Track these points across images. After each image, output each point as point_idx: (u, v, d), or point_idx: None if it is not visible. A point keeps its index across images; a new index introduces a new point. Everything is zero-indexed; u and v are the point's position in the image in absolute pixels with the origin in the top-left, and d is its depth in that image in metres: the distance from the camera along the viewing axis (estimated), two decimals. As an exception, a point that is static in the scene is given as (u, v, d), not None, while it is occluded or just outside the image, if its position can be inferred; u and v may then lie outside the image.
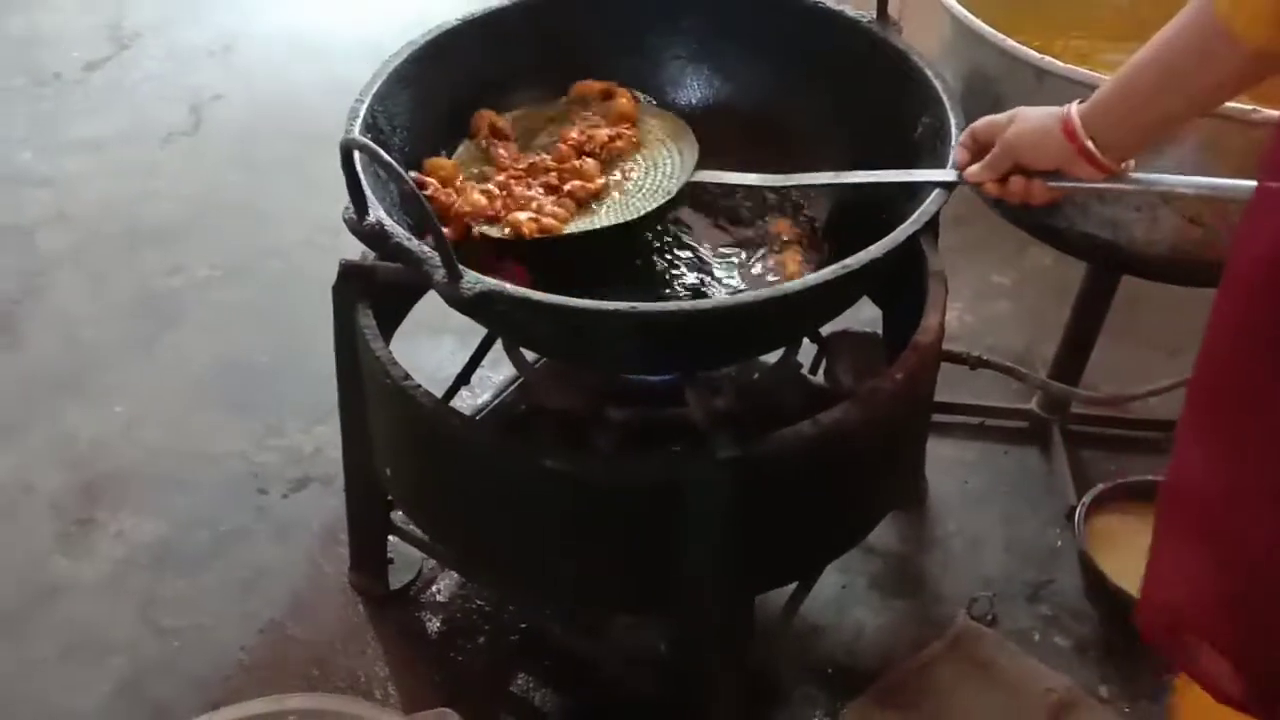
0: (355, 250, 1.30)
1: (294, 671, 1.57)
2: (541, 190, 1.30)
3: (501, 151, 1.37)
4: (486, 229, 1.25)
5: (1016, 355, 2.00)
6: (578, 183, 1.31)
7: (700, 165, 1.35)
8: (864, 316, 1.47)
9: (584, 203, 1.30)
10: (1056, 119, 1.04)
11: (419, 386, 1.20)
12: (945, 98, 1.24)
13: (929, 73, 1.27)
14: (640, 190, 1.33)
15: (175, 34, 3.08)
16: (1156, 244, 1.27)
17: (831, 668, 1.58)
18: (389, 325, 1.38)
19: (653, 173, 1.36)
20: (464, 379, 1.62)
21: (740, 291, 1.27)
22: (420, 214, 1.00)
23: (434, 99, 1.37)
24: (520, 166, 1.33)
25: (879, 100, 1.33)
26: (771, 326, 1.14)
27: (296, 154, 2.60)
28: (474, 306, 1.03)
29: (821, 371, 1.54)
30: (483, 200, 1.27)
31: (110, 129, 2.69)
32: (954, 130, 1.19)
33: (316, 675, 1.56)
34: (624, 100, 1.43)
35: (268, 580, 1.70)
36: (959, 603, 1.66)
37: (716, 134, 1.43)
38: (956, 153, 1.15)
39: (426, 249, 1.06)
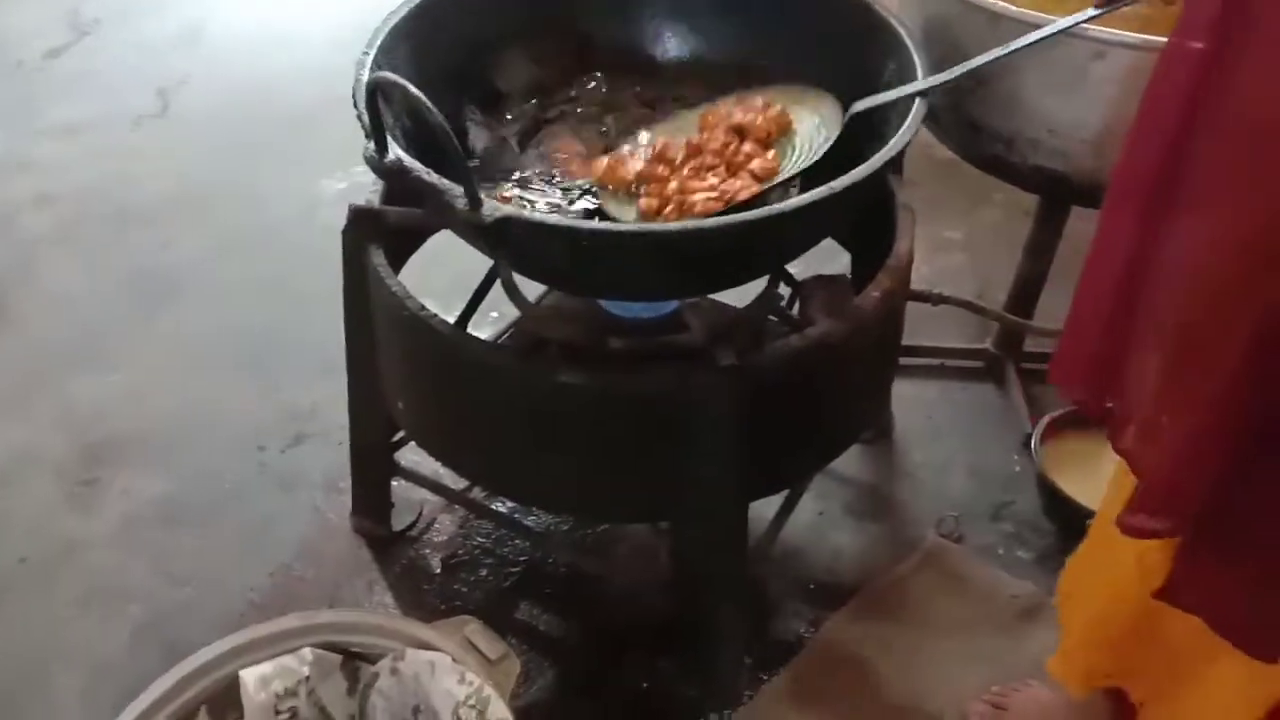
0: (335, 220, 1.38)
1: (304, 609, 1.63)
2: (718, 178, 1.29)
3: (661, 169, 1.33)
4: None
5: (970, 303, 2.14)
6: (758, 162, 1.30)
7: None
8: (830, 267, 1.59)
9: (761, 180, 1.30)
10: None
11: (436, 315, 1.29)
12: (909, 42, 1.35)
13: (893, 21, 1.39)
14: (802, 152, 1.35)
15: (137, 23, 3.12)
16: (1104, 171, 1.39)
17: (813, 584, 1.70)
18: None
19: (801, 137, 1.37)
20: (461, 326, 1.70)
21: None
22: (445, 142, 1.08)
23: (430, 54, 1.44)
24: (685, 172, 1.31)
25: (847, 50, 1.43)
26: (764, 247, 1.24)
27: (270, 134, 2.67)
28: (493, 233, 1.12)
29: (796, 312, 1.66)
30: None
31: (80, 114, 2.73)
32: (920, 72, 1.31)
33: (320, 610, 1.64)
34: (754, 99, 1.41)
35: (273, 529, 1.77)
36: (928, 524, 1.79)
37: (691, 88, 1.53)
38: None
39: (445, 180, 1.15)
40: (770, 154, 1.33)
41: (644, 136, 1.42)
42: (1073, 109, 1.36)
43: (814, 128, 1.37)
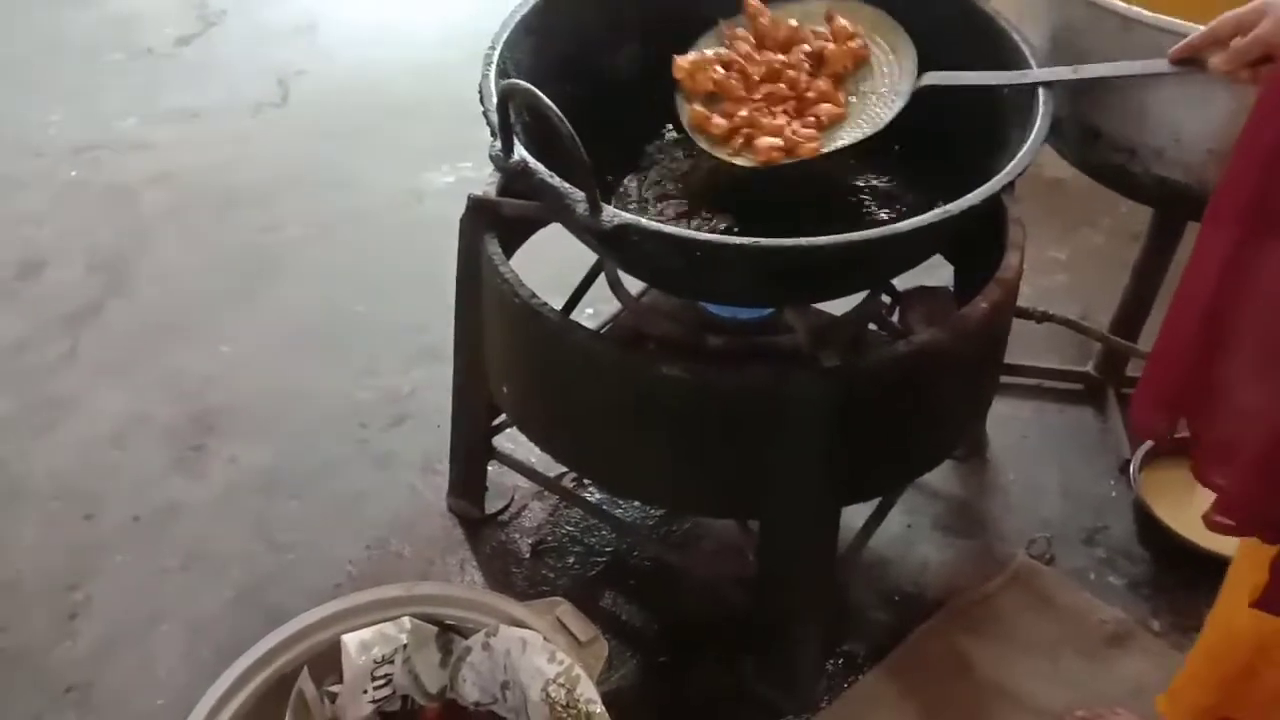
0: (437, 211, 1.42)
1: (399, 582, 1.69)
2: (786, 118, 1.33)
3: (742, 59, 1.37)
4: (732, 158, 1.32)
5: (1072, 325, 2.11)
6: (826, 106, 1.33)
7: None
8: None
9: (826, 127, 1.33)
10: None
11: (546, 304, 1.32)
12: (1031, 59, 1.35)
13: (1015, 36, 1.38)
14: (869, 99, 1.37)
15: (259, 14, 3.24)
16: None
17: (899, 595, 1.69)
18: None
19: (873, 79, 1.39)
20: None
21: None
22: (573, 153, 1.11)
23: (552, 46, 1.48)
24: (757, 96, 1.35)
25: (968, 63, 1.43)
26: (875, 264, 1.25)
27: (378, 126, 2.75)
28: (611, 238, 1.15)
29: (897, 321, 1.66)
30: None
31: (203, 100, 2.84)
32: (1040, 91, 1.30)
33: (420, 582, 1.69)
34: (840, 21, 1.42)
35: (371, 503, 1.82)
36: (1018, 543, 1.77)
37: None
38: (1180, 47, 1.21)
39: (568, 185, 1.18)
40: (840, 98, 1.34)
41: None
42: (1201, 118, 1.33)
43: (885, 81, 1.38)
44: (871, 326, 1.56)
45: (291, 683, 1.28)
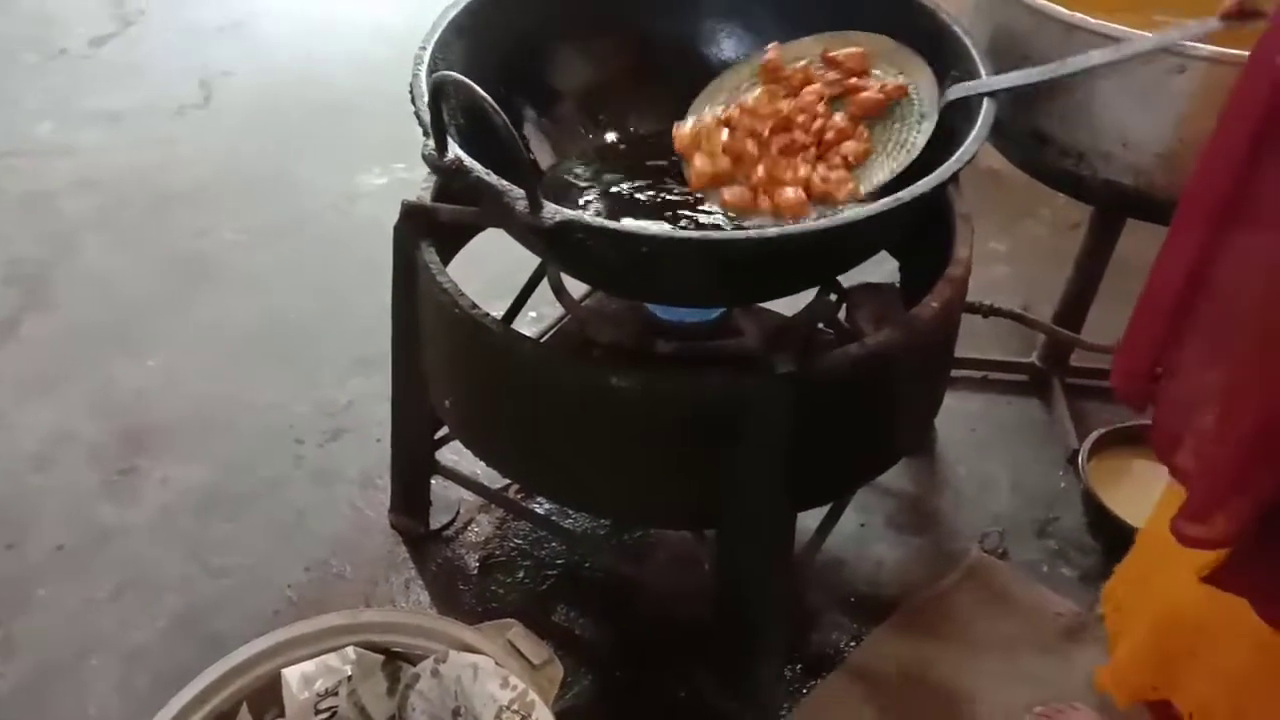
0: (371, 214, 1.36)
1: (341, 605, 1.59)
2: (808, 166, 1.26)
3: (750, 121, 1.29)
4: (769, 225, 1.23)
5: (1015, 315, 2.11)
6: (850, 144, 1.26)
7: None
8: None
9: (854, 165, 1.27)
10: None
11: (488, 315, 1.27)
12: (974, 51, 1.33)
13: (957, 28, 1.36)
14: (890, 126, 1.31)
15: (181, 12, 3.13)
16: (1175, 187, 1.36)
17: (854, 596, 1.68)
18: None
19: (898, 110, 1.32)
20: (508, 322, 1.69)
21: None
22: (510, 146, 1.07)
23: (485, 51, 1.42)
24: (774, 150, 1.27)
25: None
26: (828, 255, 1.22)
27: (307, 127, 2.67)
28: (553, 236, 1.11)
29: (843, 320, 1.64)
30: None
31: (124, 102, 2.74)
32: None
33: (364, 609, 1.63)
34: (856, 51, 1.35)
35: (310, 522, 1.76)
36: (971, 538, 1.76)
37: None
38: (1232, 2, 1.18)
39: (505, 182, 1.13)
40: (862, 131, 1.27)
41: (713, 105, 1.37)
42: (1149, 122, 1.33)
43: (910, 106, 1.31)
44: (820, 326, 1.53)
45: (231, 719, 1.22)
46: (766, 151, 1.27)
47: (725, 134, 1.31)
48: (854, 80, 1.33)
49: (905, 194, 1.11)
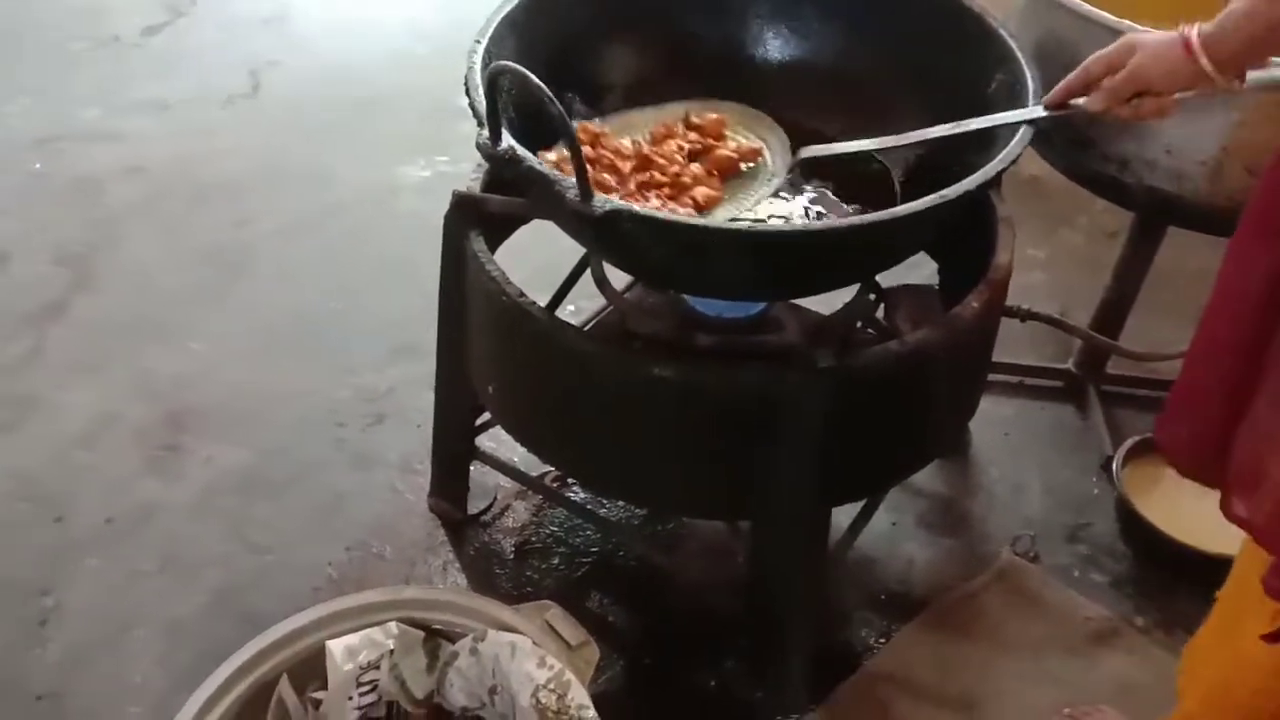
0: (413, 206, 1.38)
1: (381, 585, 1.65)
2: (659, 201, 1.31)
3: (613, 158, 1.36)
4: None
5: (1051, 322, 2.11)
6: (702, 189, 1.32)
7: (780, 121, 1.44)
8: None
9: (703, 209, 1.32)
10: (1178, 43, 1.06)
11: (534, 303, 1.30)
12: (1020, 54, 1.34)
13: (1003, 31, 1.38)
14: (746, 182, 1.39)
15: (229, 4, 3.18)
16: (1218, 195, 1.37)
17: (885, 594, 1.69)
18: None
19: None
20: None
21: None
22: (566, 136, 1.09)
23: (537, 45, 1.45)
24: (631, 186, 1.32)
25: (953, 58, 1.42)
26: (871, 251, 1.24)
27: (350, 119, 2.71)
28: (601, 225, 1.13)
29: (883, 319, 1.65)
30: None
31: (172, 91, 2.78)
32: (1030, 84, 1.29)
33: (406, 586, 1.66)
34: (712, 117, 1.45)
35: (350, 504, 1.79)
36: (1002, 541, 1.77)
37: (795, 91, 1.53)
38: (1056, 91, 1.21)
39: (556, 172, 1.15)
40: (717, 183, 1.34)
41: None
42: (1193, 130, 1.34)
43: (763, 167, 1.40)
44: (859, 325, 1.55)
45: (272, 690, 1.25)
46: (624, 186, 1.32)
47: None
48: (711, 140, 1.42)
49: (950, 191, 1.13)
